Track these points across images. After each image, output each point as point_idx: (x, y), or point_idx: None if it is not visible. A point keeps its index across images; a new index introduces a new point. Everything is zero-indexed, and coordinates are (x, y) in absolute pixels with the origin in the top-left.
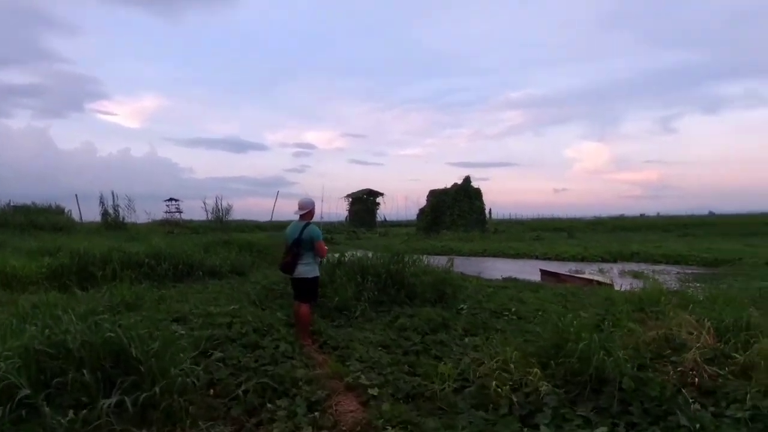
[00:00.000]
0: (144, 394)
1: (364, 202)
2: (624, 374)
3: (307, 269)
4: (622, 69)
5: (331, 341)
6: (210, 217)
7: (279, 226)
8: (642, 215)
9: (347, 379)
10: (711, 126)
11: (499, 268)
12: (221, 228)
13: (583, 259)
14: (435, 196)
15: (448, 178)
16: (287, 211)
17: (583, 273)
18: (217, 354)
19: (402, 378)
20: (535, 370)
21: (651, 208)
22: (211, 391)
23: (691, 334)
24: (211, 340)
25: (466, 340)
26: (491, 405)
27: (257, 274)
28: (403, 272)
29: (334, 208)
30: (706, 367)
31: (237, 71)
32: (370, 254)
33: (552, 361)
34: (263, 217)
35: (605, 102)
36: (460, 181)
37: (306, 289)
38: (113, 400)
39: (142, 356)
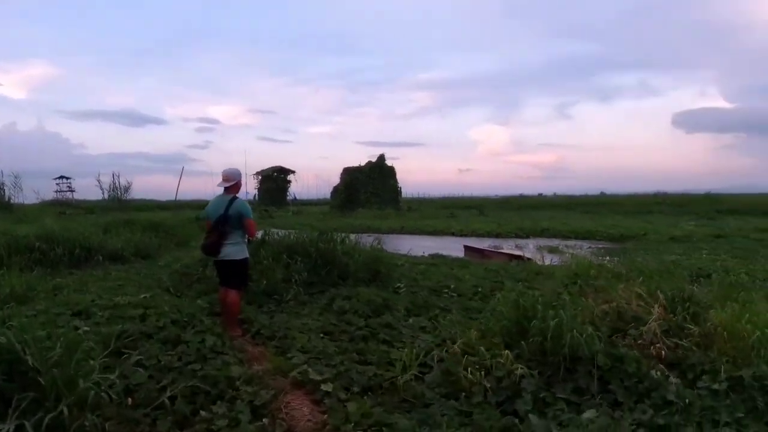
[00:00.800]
0: (48, 415)
1: (275, 179)
2: (597, 352)
3: (235, 250)
4: (525, 56)
5: (265, 330)
6: (106, 196)
7: (184, 206)
8: (540, 195)
9: (293, 374)
10: (604, 113)
11: (421, 245)
12: (120, 208)
13: (498, 236)
14: (349, 174)
15: (358, 157)
16: (191, 189)
17: (502, 248)
18: (132, 354)
19: (354, 368)
20: (506, 352)
21: (548, 188)
22: (129, 400)
23: (641, 306)
24: (123, 337)
25: (411, 320)
26: (463, 393)
27: (166, 256)
28: (334, 251)
29: (242, 186)
30: (665, 339)
31: (135, 37)
32: (293, 233)
33: (522, 341)
34: (164, 196)
35: (508, 87)
36: (371, 160)
37: (234, 273)
38: (9, 426)
39: (41, 366)
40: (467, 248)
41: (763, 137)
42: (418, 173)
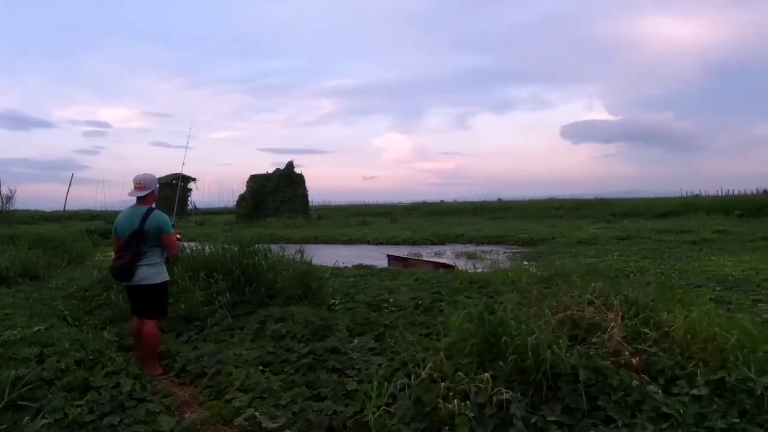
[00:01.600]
0: None
1: (174, 187)
2: (578, 366)
3: (153, 272)
4: (426, 67)
5: (191, 366)
6: None
7: (73, 217)
8: (442, 201)
9: (238, 421)
10: (500, 124)
11: (340, 255)
12: (4, 219)
13: (414, 243)
14: (256, 181)
15: (261, 164)
16: (80, 198)
17: (422, 255)
18: (30, 406)
19: (309, 407)
20: (485, 374)
21: (449, 194)
22: None
23: (594, 313)
24: (18, 386)
25: (356, 341)
26: (445, 426)
27: (59, 277)
28: (259, 266)
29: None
30: (627, 346)
31: (18, 33)
32: (207, 247)
33: (496, 360)
34: (50, 206)
35: (410, 96)
36: (279, 167)
37: (151, 300)
38: None
39: None
40: (390, 257)
41: (642, 147)
42: (323, 180)
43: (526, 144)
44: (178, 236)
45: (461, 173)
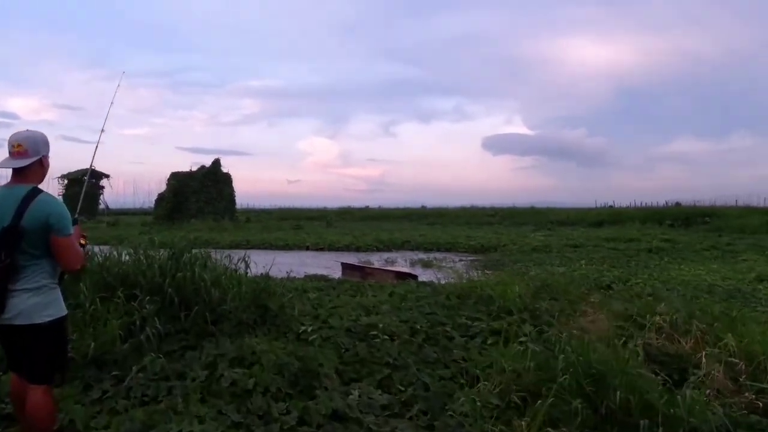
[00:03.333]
0: None
1: (84, 184)
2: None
3: (37, 303)
4: (353, 74)
5: None
6: None
7: None
8: (367, 207)
9: None
10: (424, 133)
11: (279, 263)
12: None
13: (358, 249)
14: (178, 179)
15: (179, 164)
16: None
17: (373, 263)
18: None
19: None
20: None
21: (373, 200)
22: None
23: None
24: None
25: (356, 393)
26: None
27: None
28: (199, 281)
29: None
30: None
31: None
32: (125, 253)
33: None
34: None
35: (336, 102)
36: (204, 164)
37: (38, 353)
38: None
39: None
40: (345, 266)
41: (557, 161)
42: (246, 183)
43: (448, 153)
44: (82, 240)
45: (386, 180)
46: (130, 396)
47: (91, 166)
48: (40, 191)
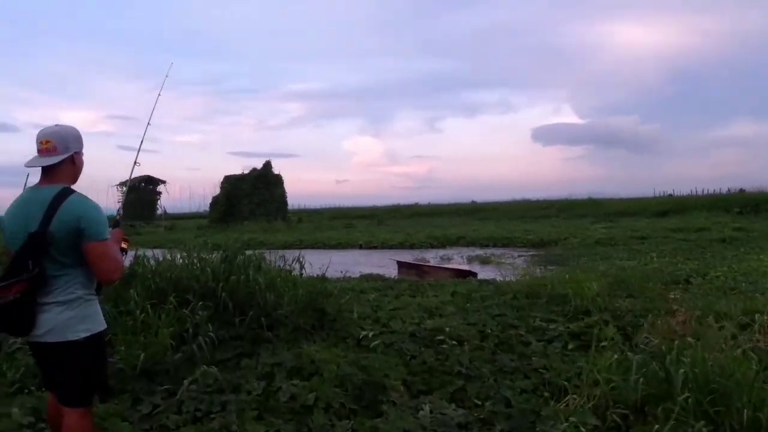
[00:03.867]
0: None
1: (142, 191)
2: None
3: (71, 318)
4: (394, 71)
5: None
6: None
7: None
8: (416, 204)
9: None
10: (470, 127)
11: (333, 262)
12: None
13: (412, 246)
14: (230, 182)
15: (231, 168)
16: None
17: (428, 261)
18: None
19: None
20: None
21: (422, 197)
22: None
23: None
24: None
25: (426, 408)
26: None
27: None
28: (253, 284)
29: (103, 199)
30: None
31: None
32: (179, 256)
33: None
34: None
35: (379, 100)
36: (255, 167)
37: (74, 372)
38: None
39: None
40: (401, 264)
41: (609, 149)
42: (295, 184)
43: (496, 146)
44: (123, 245)
45: (433, 176)
46: (182, 411)
47: (132, 169)
48: (71, 192)
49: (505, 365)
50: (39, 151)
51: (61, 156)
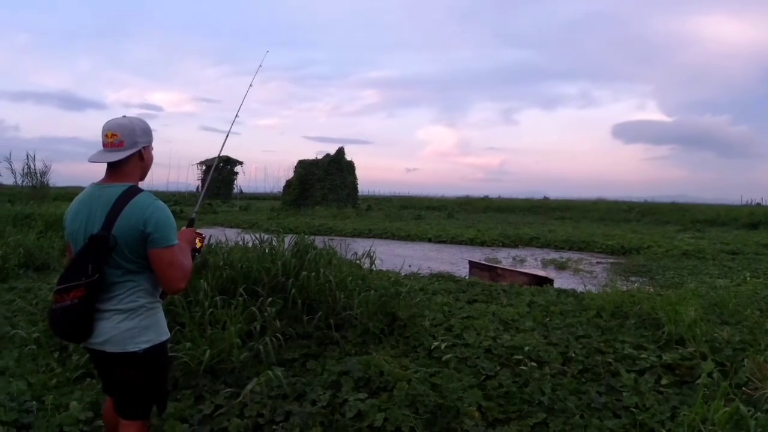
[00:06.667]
0: None
1: (220, 170)
2: None
3: (132, 327)
4: (471, 61)
5: None
6: (20, 182)
7: None
8: (486, 196)
9: None
10: (547, 120)
11: (402, 255)
12: (37, 195)
13: (483, 244)
14: (304, 167)
15: (305, 152)
16: None
17: (500, 261)
18: None
19: None
20: None
21: (491, 190)
22: None
23: None
24: None
25: None
26: None
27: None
28: (324, 282)
29: (183, 177)
30: None
31: (71, 17)
32: (251, 240)
33: None
34: None
35: (455, 90)
36: (329, 152)
37: (133, 384)
38: None
39: None
40: (472, 265)
41: (696, 151)
42: (365, 171)
43: (574, 141)
44: (197, 243)
45: (505, 169)
46: (244, 415)
47: (219, 153)
48: (139, 191)
49: (592, 400)
50: (104, 144)
51: (128, 151)
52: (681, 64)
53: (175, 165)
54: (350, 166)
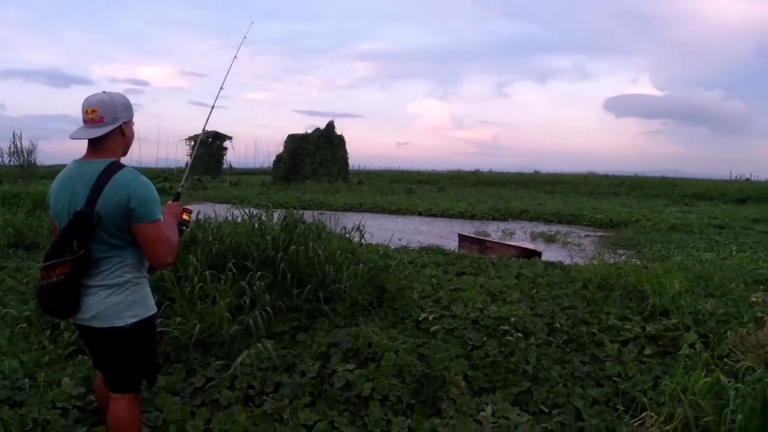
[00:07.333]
0: None
1: (209, 146)
2: None
3: (118, 303)
4: (465, 33)
5: None
6: (7, 160)
7: None
8: (477, 170)
9: None
10: (540, 94)
11: (392, 229)
12: (25, 174)
13: (472, 217)
14: (294, 141)
15: (296, 127)
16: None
17: (489, 235)
18: None
19: None
20: None
21: (483, 164)
22: None
23: None
24: None
25: (488, 409)
26: None
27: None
28: (313, 256)
29: (172, 153)
30: None
31: None
32: (239, 216)
33: None
34: None
35: (448, 63)
36: (319, 127)
37: (122, 358)
38: None
39: None
40: (462, 238)
41: (688, 126)
42: (357, 144)
43: (566, 115)
44: (185, 216)
45: (497, 143)
46: (234, 387)
47: (204, 128)
48: (121, 167)
49: (576, 369)
50: (85, 121)
51: (109, 126)
52: (677, 38)
53: (163, 141)
54: (341, 140)
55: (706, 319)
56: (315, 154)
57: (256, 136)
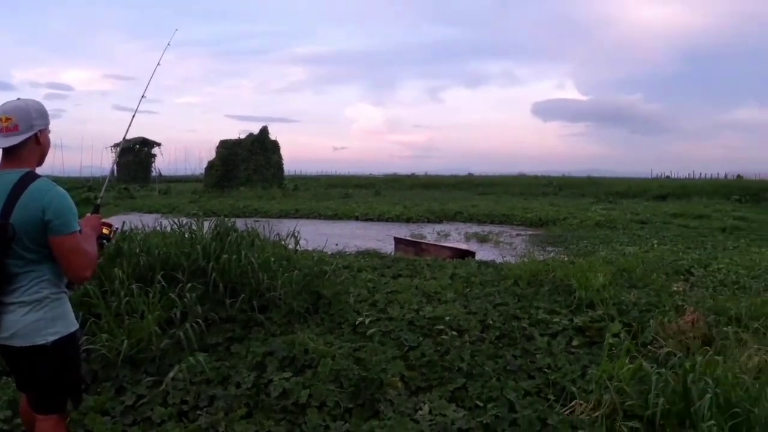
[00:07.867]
0: None
1: (137, 153)
2: None
3: (37, 320)
4: (399, 38)
5: None
6: None
7: None
8: (413, 174)
9: None
10: (472, 98)
11: (329, 234)
12: None
13: (409, 220)
14: (226, 147)
15: (229, 131)
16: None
17: (425, 237)
18: None
19: None
20: None
21: (419, 167)
22: None
23: None
24: None
25: (425, 408)
26: None
27: None
28: (246, 264)
29: (97, 160)
30: None
31: None
32: (169, 225)
33: None
34: None
35: (383, 67)
36: (252, 132)
37: (44, 378)
38: None
39: None
40: (398, 241)
41: (611, 127)
42: (292, 150)
43: (497, 119)
44: (105, 230)
45: (432, 146)
46: (167, 403)
47: (125, 136)
48: (36, 177)
49: (508, 363)
50: (2, 124)
51: (24, 135)
52: (599, 44)
53: (88, 147)
54: (275, 145)
55: (630, 309)
56: (249, 160)
57: (188, 141)
